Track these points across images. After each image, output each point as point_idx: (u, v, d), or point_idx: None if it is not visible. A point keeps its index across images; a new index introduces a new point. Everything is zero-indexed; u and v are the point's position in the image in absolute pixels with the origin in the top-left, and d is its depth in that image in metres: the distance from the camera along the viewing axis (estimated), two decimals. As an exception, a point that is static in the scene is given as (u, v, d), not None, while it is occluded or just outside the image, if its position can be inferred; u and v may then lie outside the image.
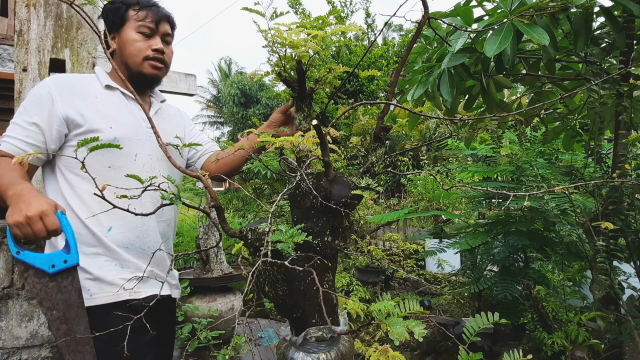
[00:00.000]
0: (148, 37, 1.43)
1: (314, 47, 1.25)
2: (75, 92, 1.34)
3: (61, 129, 1.31)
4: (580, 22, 1.38)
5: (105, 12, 1.44)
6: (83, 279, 1.29)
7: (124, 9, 1.41)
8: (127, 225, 1.37)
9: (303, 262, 1.10)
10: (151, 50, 1.43)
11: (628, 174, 1.39)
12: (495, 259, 3.18)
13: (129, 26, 1.41)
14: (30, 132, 1.28)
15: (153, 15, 1.43)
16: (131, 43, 1.41)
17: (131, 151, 1.38)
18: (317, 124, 1.03)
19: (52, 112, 1.29)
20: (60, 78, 1.37)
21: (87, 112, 1.32)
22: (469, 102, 2.14)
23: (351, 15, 7.66)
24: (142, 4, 1.43)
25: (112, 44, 1.43)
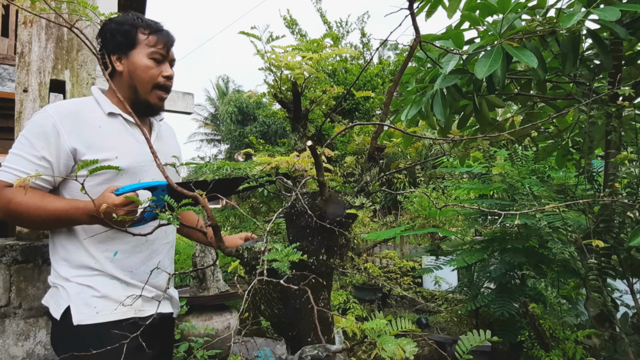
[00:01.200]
0: (159, 63, 1.41)
1: (310, 69, 1.28)
2: (79, 122, 1.31)
3: (68, 162, 1.29)
4: (568, 45, 1.42)
5: (110, 32, 1.38)
6: (89, 296, 1.30)
7: (133, 31, 1.38)
8: (133, 250, 1.37)
9: (298, 281, 1.11)
10: (162, 77, 1.42)
11: (618, 192, 1.42)
12: (492, 276, 3.19)
13: (140, 51, 1.38)
14: (39, 167, 1.25)
15: (164, 41, 1.41)
16: (144, 70, 1.38)
17: (135, 179, 1.37)
18: (312, 145, 1.06)
19: (59, 145, 1.27)
20: (63, 107, 1.33)
21: (93, 143, 1.30)
22: (462, 121, 2.18)
23: (347, 35, 7.80)
24: (152, 28, 1.41)
25: (117, 65, 1.39)
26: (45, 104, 1.99)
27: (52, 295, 1.37)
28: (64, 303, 1.30)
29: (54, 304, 1.34)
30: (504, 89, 1.85)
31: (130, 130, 1.40)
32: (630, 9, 1.30)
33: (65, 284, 1.32)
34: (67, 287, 1.31)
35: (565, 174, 2.63)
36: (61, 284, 1.33)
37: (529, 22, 1.37)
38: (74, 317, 1.28)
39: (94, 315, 1.29)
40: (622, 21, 1.49)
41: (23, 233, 2.10)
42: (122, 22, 1.38)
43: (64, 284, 1.32)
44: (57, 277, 1.35)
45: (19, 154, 1.26)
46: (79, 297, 1.30)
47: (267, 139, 17.72)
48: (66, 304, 1.30)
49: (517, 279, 3.15)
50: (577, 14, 1.26)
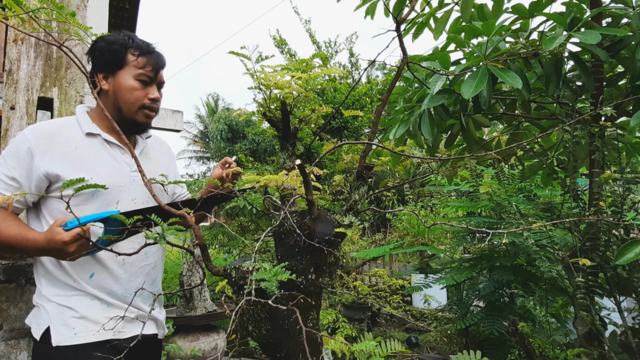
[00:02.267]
0: (145, 85, 1.39)
1: (299, 89, 1.29)
2: (55, 144, 1.30)
3: (40, 183, 1.28)
4: (551, 67, 1.46)
5: (99, 50, 1.36)
6: (69, 316, 1.28)
7: (123, 52, 1.36)
8: (109, 273, 1.34)
9: (287, 301, 1.10)
10: (148, 99, 1.40)
11: (603, 211, 1.44)
12: (481, 295, 3.18)
13: (128, 72, 1.36)
14: (9, 186, 1.26)
15: (153, 64, 1.39)
16: (129, 91, 1.36)
17: (113, 199, 1.34)
18: (301, 164, 1.06)
19: (31, 167, 1.26)
20: (40, 130, 1.32)
21: (68, 165, 1.29)
22: (450, 139, 2.21)
23: (335, 55, 7.91)
24: (142, 49, 1.38)
25: (102, 83, 1.37)
26: (32, 122, 1.97)
27: (34, 315, 1.34)
28: (44, 323, 1.28)
29: (35, 323, 1.31)
30: (490, 109, 1.88)
31: (109, 150, 1.38)
32: (610, 32, 1.34)
33: (46, 304, 1.30)
34: (47, 308, 1.29)
35: (551, 192, 2.66)
36: (43, 304, 1.30)
37: (513, 45, 1.40)
38: (53, 338, 1.25)
39: (72, 337, 1.26)
40: (603, 44, 1.54)
41: (5, 252, 2.05)
42: (112, 42, 1.36)
43: (45, 304, 1.30)
44: (40, 296, 1.33)
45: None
46: (59, 318, 1.28)
47: (257, 157, 17.72)
48: (46, 324, 1.27)
49: (506, 297, 3.15)
50: (559, 37, 1.30)
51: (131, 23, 9.42)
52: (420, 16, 2.46)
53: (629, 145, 2.01)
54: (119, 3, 8.68)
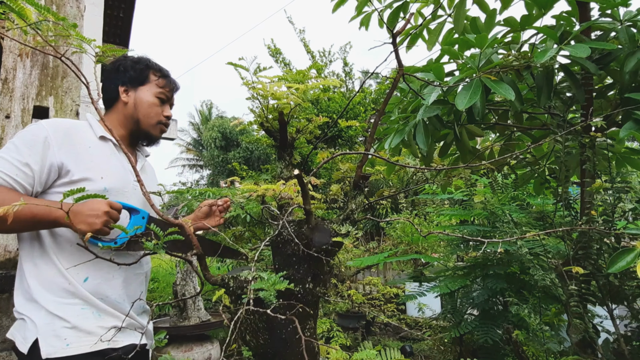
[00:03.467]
0: (162, 103, 1.54)
1: (295, 99, 1.31)
2: (71, 140, 1.35)
3: (52, 174, 1.30)
4: (542, 79, 1.49)
5: (124, 66, 1.50)
6: (59, 327, 1.25)
7: (147, 71, 1.52)
8: (104, 277, 1.34)
9: (285, 310, 1.11)
10: (164, 116, 1.55)
11: (595, 220, 1.47)
12: (475, 303, 3.20)
13: (149, 89, 1.51)
14: (20, 172, 1.25)
15: (171, 86, 1.56)
16: (150, 106, 1.50)
17: (117, 200, 1.37)
18: (299, 174, 1.07)
19: (46, 156, 1.28)
20: (58, 123, 1.37)
21: (81, 161, 1.33)
22: (444, 149, 2.24)
23: (330, 65, 7.97)
24: (163, 72, 1.56)
25: (123, 95, 1.49)
26: (27, 131, 1.97)
27: (19, 328, 1.30)
28: (32, 336, 1.24)
29: (20, 337, 1.27)
30: (483, 119, 1.91)
31: (119, 156, 1.45)
32: (599, 46, 1.37)
33: (33, 313, 1.26)
34: (34, 318, 1.25)
35: (544, 201, 2.70)
36: (28, 315, 1.27)
37: (505, 57, 1.43)
38: (43, 350, 1.21)
39: (64, 348, 1.23)
40: (592, 57, 1.57)
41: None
42: (137, 61, 1.52)
43: (32, 314, 1.26)
44: (24, 305, 1.29)
45: (4, 157, 1.26)
46: (48, 329, 1.25)
47: (250, 165, 17.71)
48: (34, 336, 1.23)
49: (500, 305, 3.17)
50: (550, 50, 1.33)
51: (125, 32, 9.44)
52: (414, 28, 2.50)
53: (618, 154, 2.05)
54: (113, 11, 8.70)
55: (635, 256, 1.09)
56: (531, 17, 1.72)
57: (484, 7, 2.23)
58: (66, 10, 2.09)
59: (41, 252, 1.31)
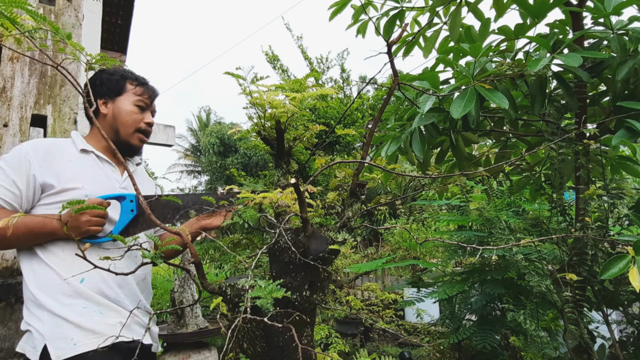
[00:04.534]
0: (142, 110, 1.56)
1: (292, 108, 1.32)
2: (51, 156, 1.40)
3: (37, 191, 1.36)
4: (536, 87, 1.51)
5: (100, 80, 1.53)
6: (65, 329, 1.28)
7: (122, 81, 1.54)
8: (99, 278, 1.37)
9: (282, 318, 1.11)
10: (144, 123, 1.56)
11: (589, 226, 1.48)
12: (473, 308, 3.20)
13: (126, 98, 1.53)
14: (9, 192, 1.32)
15: (149, 93, 1.58)
16: (128, 114, 1.52)
17: None
18: (296, 183, 1.08)
19: (29, 174, 1.34)
20: (37, 143, 1.43)
21: (61, 175, 1.38)
22: (440, 156, 2.25)
23: (327, 71, 8.00)
24: (140, 80, 1.58)
25: (102, 108, 1.52)
26: (25, 139, 1.98)
27: (27, 340, 1.32)
28: (40, 344, 1.27)
29: (30, 348, 1.29)
30: (479, 126, 1.93)
31: (100, 166, 1.49)
32: (591, 55, 1.39)
33: (37, 323, 1.29)
34: (39, 327, 1.28)
35: (540, 206, 2.71)
36: (33, 325, 1.30)
37: (499, 66, 1.45)
38: (53, 354, 1.24)
39: (72, 348, 1.26)
40: (585, 65, 1.59)
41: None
42: (113, 73, 1.55)
43: (36, 323, 1.29)
44: (29, 316, 1.32)
45: None
46: (54, 332, 1.27)
47: (248, 171, 17.72)
48: (42, 343, 1.26)
49: (498, 311, 3.17)
50: (543, 59, 1.35)
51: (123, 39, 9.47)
52: (410, 35, 2.53)
53: (613, 161, 2.07)
54: (111, 18, 8.73)
55: (627, 262, 1.10)
56: (525, 26, 1.74)
57: (479, 15, 2.25)
58: (64, 19, 2.11)
59: (38, 260, 1.35)
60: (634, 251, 1.09)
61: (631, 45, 1.46)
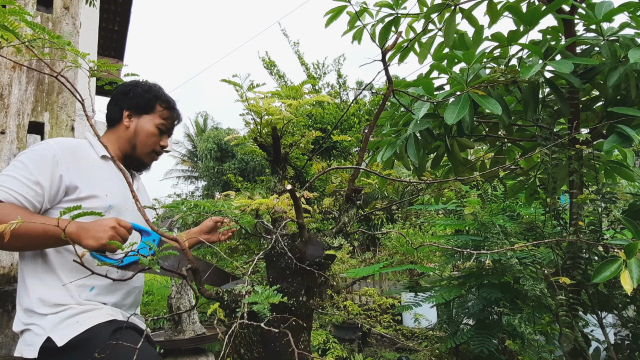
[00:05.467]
0: (161, 133, 1.59)
1: (289, 115, 1.34)
2: (77, 159, 1.39)
3: (61, 191, 1.34)
4: (529, 93, 1.53)
5: (133, 92, 1.55)
6: (69, 316, 1.28)
7: (154, 101, 1.56)
8: (110, 288, 1.40)
9: (279, 324, 1.12)
10: (160, 145, 1.59)
11: (582, 230, 1.49)
12: (470, 312, 3.21)
13: (152, 118, 1.56)
14: (31, 190, 1.28)
15: (174, 119, 1.62)
16: (148, 135, 1.55)
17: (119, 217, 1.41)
18: (292, 189, 1.10)
19: (55, 174, 1.32)
20: (65, 143, 1.41)
21: (87, 179, 1.37)
22: (436, 161, 2.27)
23: (324, 77, 8.04)
24: (169, 104, 1.60)
25: (125, 120, 1.53)
26: (22, 146, 1.98)
27: (24, 340, 1.31)
28: (39, 340, 1.25)
29: (25, 346, 1.28)
30: (473, 132, 1.95)
31: (118, 174, 1.48)
32: (582, 62, 1.42)
33: (39, 320, 1.28)
34: (40, 323, 1.28)
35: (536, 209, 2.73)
36: (34, 322, 1.28)
37: (492, 73, 1.47)
38: (58, 339, 1.23)
39: (78, 328, 1.26)
40: (577, 71, 1.62)
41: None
42: (147, 90, 1.57)
43: (38, 320, 1.28)
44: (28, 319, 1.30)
45: (12, 175, 1.28)
46: (60, 325, 1.27)
47: (246, 176, 17.71)
48: (42, 338, 1.25)
49: (495, 315, 3.18)
50: (535, 66, 1.37)
51: (120, 44, 9.49)
52: (406, 41, 2.55)
53: (606, 165, 2.09)
54: (107, 25, 8.76)
55: (619, 266, 1.11)
56: (518, 33, 1.77)
57: (473, 21, 2.28)
58: (62, 27, 2.12)
59: (46, 268, 1.33)
60: (625, 255, 1.11)
61: (622, 51, 1.48)
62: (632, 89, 1.46)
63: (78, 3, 2.18)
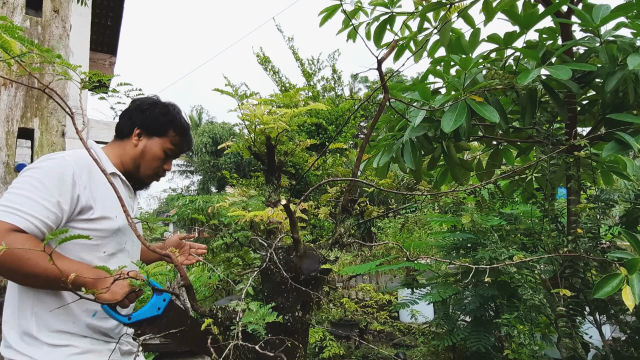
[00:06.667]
0: (167, 158, 1.53)
1: (282, 125, 1.31)
2: (92, 177, 1.31)
3: (76, 211, 1.27)
4: (526, 99, 1.51)
5: (149, 111, 1.48)
6: (69, 354, 1.23)
7: (168, 126, 1.49)
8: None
9: (275, 340, 1.10)
10: (163, 169, 1.54)
11: (581, 237, 1.48)
12: (467, 310, 3.21)
13: (162, 142, 1.49)
14: (52, 214, 1.19)
15: (184, 146, 1.56)
16: (155, 158, 1.49)
17: (123, 240, 1.40)
18: (286, 204, 1.07)
19: (75, 195, 1.25)
20: (80, 159, 1.32)
21: (100, 199, 1.31)
22: (432, 162, 2.25)
23: (318, 72, 7.98)
24: (183, 131, 1.53)
25: (134, 137, 1.47)
26: (11, 153, 1.94)
27: None
28: None
29: None
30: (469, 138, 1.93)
31: (124, 192, 1.45)
32: (580, 67, 1.39)
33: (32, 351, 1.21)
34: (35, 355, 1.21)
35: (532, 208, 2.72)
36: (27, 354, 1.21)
37: (489, 79, 1.45)
38: None
39: None
40: (575, 75, 1.59)
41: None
42: (165, 114, 1.50)
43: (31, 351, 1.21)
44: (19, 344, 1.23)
45: (30, 196, 1.17)
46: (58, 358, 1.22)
47: (241, 170, 17.66)
48: None
49: (492, 312, 3.18)
50: (532, 72, 1.34)
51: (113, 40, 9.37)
52: (401, 39, 2.52)
53: (603, 164, 2.08)
54: (100, 20, 8.63)
55: (620, 281, 1.10)
56: (514, 34, 1.74)
57: (469, 20, 2.25)
58: (52, 30, 2.07)
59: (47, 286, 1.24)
60: (626, 270, 1.09)
61: (620, 54, 1.46)
62: (630, 93, 1.44)
63: (68, 5, 2.12)
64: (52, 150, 2.03)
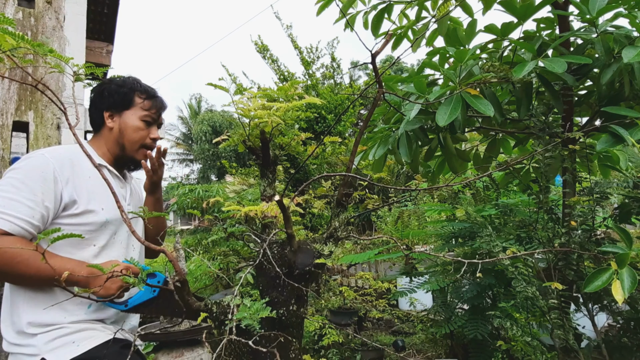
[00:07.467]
0: (148, 125, 1.49)
1: (277, 119, 1.31)
2: (74, 172, 1.30)
3: (60, 209, 1.27)
4: (522, 92, 1.50)
5: (108, 91, 1.45)
6: (65, 334, 1.24)
7: (131, 94, 1.46)
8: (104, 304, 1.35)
9: (269, 334, 1.12)
10: (150, 138, 1.49)
11: (575, 230, 1.49)
12: (465, 298, 3.24)
13: (134, 112, 1.46)
14: (37, 214, 1.20)
15: (157, 107, 1.51)
16: (134, 130, 1.46)
17: (114, 230, 1.39)
18: (280, 200, 1.08)
19: (57, 193, 1.24)
20: (60, 155, 1.31)
21: (84, 193, 1.30)
22: (429, 153, 2.25)
23: (317, 60, 7.92)
24: (149, 93, 1.50)
25: (107, 121, 1.45)
26: (7, 147, 1.94)
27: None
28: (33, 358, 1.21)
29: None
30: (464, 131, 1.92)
31: (114, 182, 1.43)
32: (575, 60, 1.38)
33: (30, 340, 1.23)
34: (33, 342, 1.22)
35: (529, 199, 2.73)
36: (25, 343, 1.23)
37: (485, 72, 1.44)
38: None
39: (75, 349, 1.22)
40: (570, 67, 1.58)
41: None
42: (121, 85, 1.46)
43: (29, 340, 1.23)
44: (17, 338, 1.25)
45: (13, 197, 1.17)
46: (54, 343, 1.23)
47: (240, 159, 17.64)
48: (39, 356, 1.20)
49: (489, 299, 3.21)
50: (527, 65, 1.33)
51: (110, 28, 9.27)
52: (399, 28, 2.50)
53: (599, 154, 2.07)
54: (97, 7, 8.54)
55: (610, 275, 1.11)
56: (511, 25, 1.73)
57: (467, 9, 2.23)
58: (45, 22, 2.05)
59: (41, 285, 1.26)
60: (616, 264, 1.10)
61: (616, 46, 1.45)
62: (625, 85, 1.43)
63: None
64: (47, 144, 2.02)
